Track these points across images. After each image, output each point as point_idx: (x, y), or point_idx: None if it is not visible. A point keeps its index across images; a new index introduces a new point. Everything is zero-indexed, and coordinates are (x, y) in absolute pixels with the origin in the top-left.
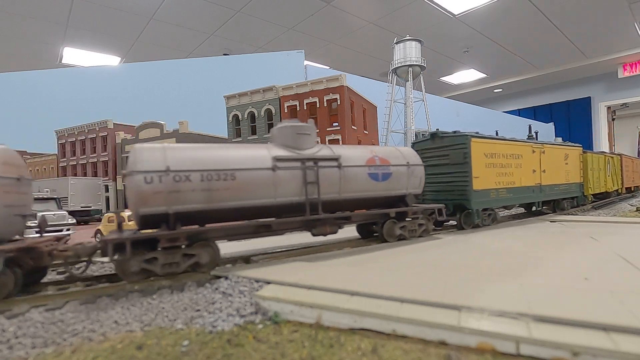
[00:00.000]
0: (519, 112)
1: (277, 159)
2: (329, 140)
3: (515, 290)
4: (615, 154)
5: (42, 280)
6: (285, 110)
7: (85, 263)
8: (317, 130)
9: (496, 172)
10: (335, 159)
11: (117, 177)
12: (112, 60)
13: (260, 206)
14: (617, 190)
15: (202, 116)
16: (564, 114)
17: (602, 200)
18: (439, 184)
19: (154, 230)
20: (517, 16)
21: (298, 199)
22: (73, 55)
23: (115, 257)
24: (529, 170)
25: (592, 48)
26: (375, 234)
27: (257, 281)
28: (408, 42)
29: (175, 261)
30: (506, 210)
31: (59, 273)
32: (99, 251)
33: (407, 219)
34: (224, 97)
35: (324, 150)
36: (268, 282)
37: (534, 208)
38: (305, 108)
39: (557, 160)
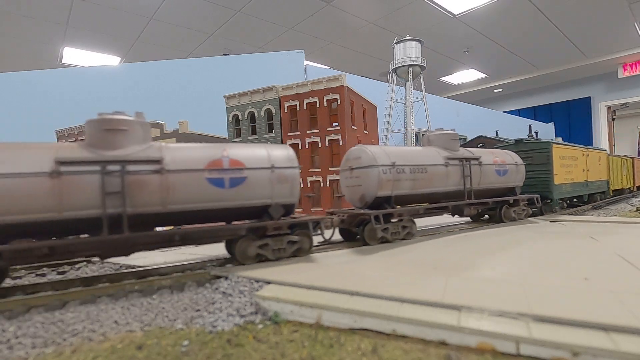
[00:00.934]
0: (519, 112)
1: (447, 158)
2: (329, 140)
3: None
4: (629, 157)
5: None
6: (285, 110)
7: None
8: (317, 131)
9: (565, 171)
10: (477, 159)
11: None
12: (112, 60)
13: (437, 192)
14: (629, 188)
15: (202, 116)
16: (564, 114)
17: (619, 195)
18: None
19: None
20: (517, 16)
21: (458, 188)
22: (73, 55)
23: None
24: (581, 169)
25: (592, 48)
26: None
27: (257, 281)
28: (408, 42)
29: (397, 231)
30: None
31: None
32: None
33: (517, 206)
34: (224, 97)
35: (468, 152)
36: (268, 282)
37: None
38: (305, 108)
39: (595, 162)
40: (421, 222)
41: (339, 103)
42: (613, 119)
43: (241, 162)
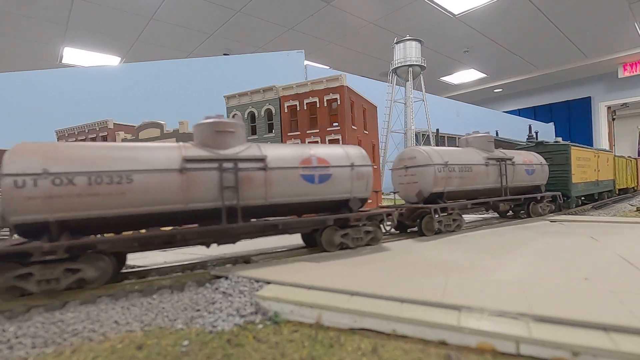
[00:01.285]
0: (519, 112)
1: (486, 158)
2: (329, 140)
3: (516, 290)
4: (633, 157)
5: None
6: (285, 110)
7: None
8: (317, 131)
9: (581, 171)
10: (510, 159)
11: None
12: (112, 60)
13: (479, 189)
14: (633, 187)
15: (202, 116)
16: (564, 114)
17: (624, 193)
18: None
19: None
20: (517, 16)
21: (495, 185)
22: (73, 55)
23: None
24: (593, 170)
25: (592, 48)
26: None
27: (257, 281)
28: (408, 42)
29: (449, 223)
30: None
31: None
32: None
33: (542, 201)
34: (224, 97)
35: (502, 153)
36: (268, 282)
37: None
38: (305, 108)
39: (604, 162)
40: None
41: (339, 103)
42: (613, 119)
43: (327, 160)
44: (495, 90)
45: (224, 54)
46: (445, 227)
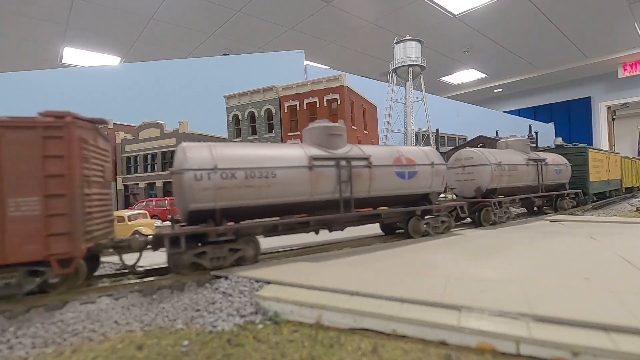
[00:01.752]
0: (519, 112)
1: (526, 159)
2: None
3: (516, 289)
4: (637, 158)
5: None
6: (285, 110)
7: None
8: None
9: (596, 171)
10: (544, 160)
11: (117, 176)
12: (112, 60)
13: (521, 186)
14: (638, 187)
15: (202, 116)
16: (564, 114)
17: (629, 192)
18: None
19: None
20: (517, 16)
21: (533, 183)
22: (73, 55)
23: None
24: (605, 170)
25: (592, 48)
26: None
27: (257, 281)
28: (408, 42)
29: (502, 215)
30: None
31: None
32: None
33: (567, 197)
34: (224, 97)
35: (536, 155)
36: (268, 282)
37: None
38: (305, 108)
39: (613, 163)
40: None
41: (339, 103)
42: (613, 119)
43: (413, 159)
44: (495, 90)
45: (224, 54)
46: (499, 219)
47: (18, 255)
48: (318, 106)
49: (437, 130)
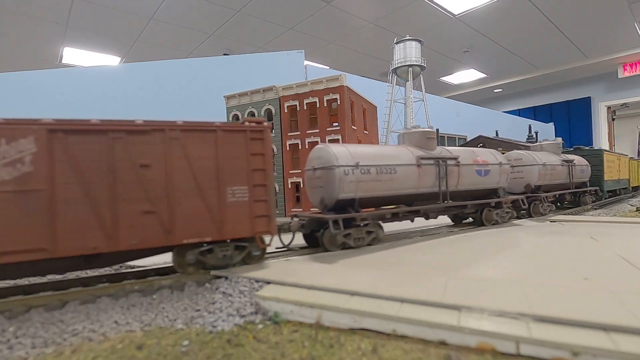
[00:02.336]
0: (519, 112)
1: (563, 160)
2: (329, 140)
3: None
4: (637, 159)
5: None
6: (285, 110)
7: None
8: (317, 131)
9: (609, 170)
10: (572, 161)
11: None
12: (112, 60)
13: (557, 184)
14: None
15: (202, 116)
16: (564, 114)
17: (636, 191)
18: None
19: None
20: (517, 16)
21: (566, 181)
22: (73, 55)
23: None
24: (616, 170)
25: (592, 48)
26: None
27: (257, 281)
28: (408, 42)
29: (545, 208)
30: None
31: None
32: None
33: (588, 193)
34: (224, 97)
35: (565, 156)
36: (268, 282)
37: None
38: (305, 108)
39: (623, 164)
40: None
41: (339, 103)
42: (613, 119)
43: (486, 160)
44: (495, 90)
45: (224, 54)
46: (544, 210)
47: (234, 232)
48: (318, 106)
49: (437, 130)
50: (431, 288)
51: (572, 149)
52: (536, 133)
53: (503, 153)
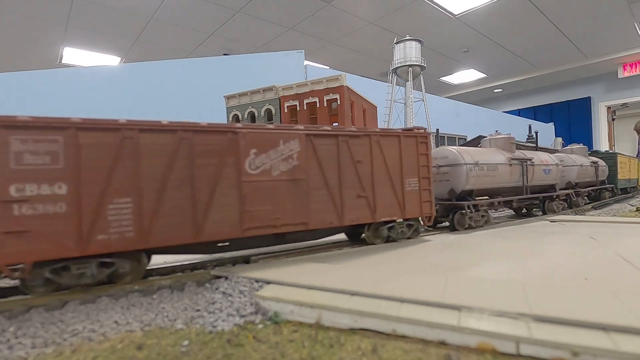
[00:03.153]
0: (519, 112)
1: (591, 162)
2: None
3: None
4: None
5: None
6: (285, 110)
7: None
8: None
9: (622, 171)
10: (597, 162)
11: None
12: (112, 60)
13: (587, 182)
14: None
15: (202, 116)
16: (564, 114)
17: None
18: None
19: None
20: (517, 16)
21: (593, 179)
22: (73, 55)
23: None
24: (627, 170)
25: (592, 48)
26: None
27: (257, 281)
28: (408, 42)
29: (580, 202)
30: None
31: None
32: None
33: (606, 190)
34: (224, 97)
35: (593, 159)
36: (268, 282)
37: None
38: (305, 108)
39: (633, 165)
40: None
41: (339, 103)
42: (613, 119)
43: (547, 160)
44: (495, 90)
45: (224, 54)
46: (581, 203)
47: (411, 213)
48: (318, 106)
49: (437, 130)
50: (431, 287)
51: (589, 152)
52: (536, 133)
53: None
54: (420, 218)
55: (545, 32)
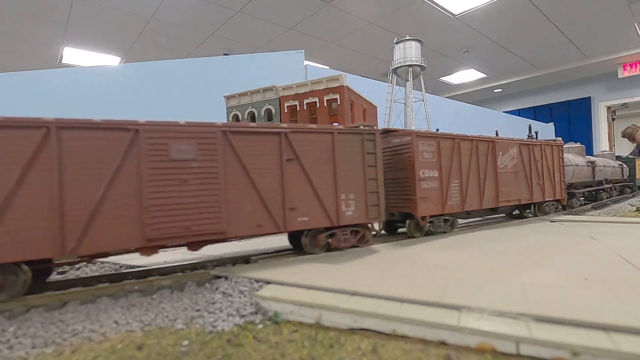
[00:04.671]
0: (519, 112)
1: (619, 163)
2: None
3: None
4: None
5: None
6: (285, 110)
7: None
8: None
9: (639, 171)
10: (622, 164)
11: None
12: (112, 60)
13: (612, 180)
14: None
15: (202, 116)
16: (564, 114)
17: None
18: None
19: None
20: (517, 16)
21: (619, 178)
22: (73, 55)
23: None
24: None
25: (592, 48)
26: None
27: (257, 281)
28: (408, 42)
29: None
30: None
31: None
32: None
33: (627, 187)
34: (224, 97)
35: (620, 162)
36: (268, 282)
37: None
38: (305, 108)
39: None
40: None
41: (339, 103)
42: (613, 119)
43: (594, 161)
44: (495, 90)
45: (224, 54)
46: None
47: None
48: (318, 106)
49: (437, 130)
50: (431, 287)
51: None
52: (536, 133)
53: None
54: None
55: (545, 32)
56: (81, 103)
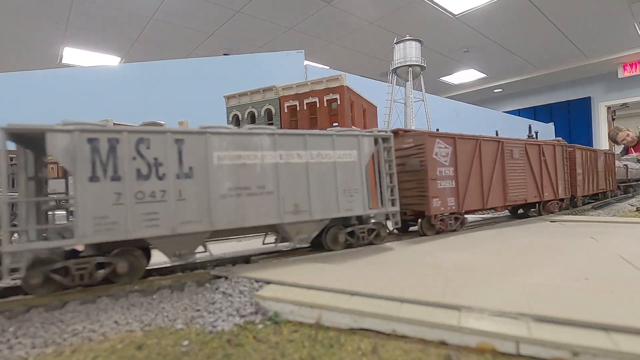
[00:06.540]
0: (519, 112)
1: (623, 161)
2: None
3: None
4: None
5: None
6: (285, 110)
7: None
8: None
9: None
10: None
11: None
12: (112, 60)
13: (636, 179)
14: None
15: (202, 116)
16: (564, 114)
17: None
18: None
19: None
20: (517, 16)
21: (638, 177)
22: (73, 55)
23: None
24: None
25: (592, 48)
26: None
27: (257, 281)
28: (408, 42)
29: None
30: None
31: None
32: None
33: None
34: (224, 97)
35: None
36: (268, 282)
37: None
38: (305, 108)
39: None
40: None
41: (339, 103)
42: (613, 119)
43: (631, 165)
44: (495, 90)
45: (224, 54)
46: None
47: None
48: (318, 106)
49: (437, 130)
50: (430, 286)
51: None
52: (536, 133)
53: None
54: None
55: (545, 32)
56: (81, 103)
